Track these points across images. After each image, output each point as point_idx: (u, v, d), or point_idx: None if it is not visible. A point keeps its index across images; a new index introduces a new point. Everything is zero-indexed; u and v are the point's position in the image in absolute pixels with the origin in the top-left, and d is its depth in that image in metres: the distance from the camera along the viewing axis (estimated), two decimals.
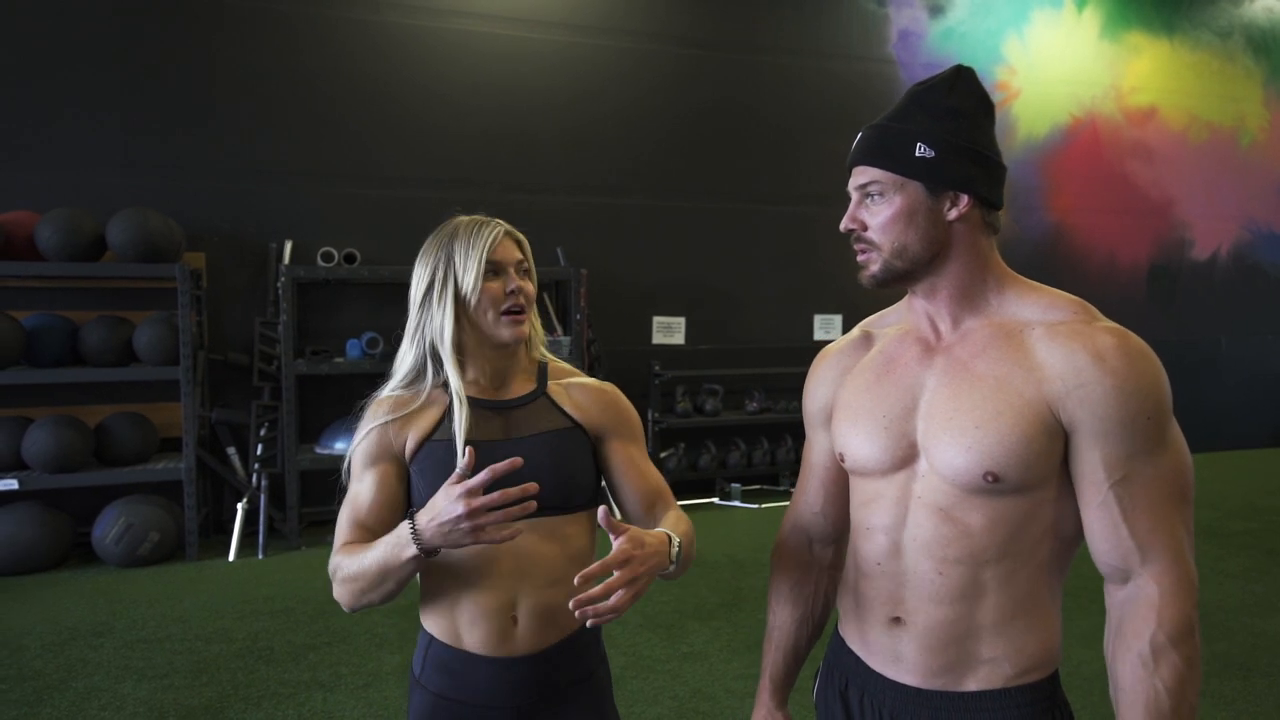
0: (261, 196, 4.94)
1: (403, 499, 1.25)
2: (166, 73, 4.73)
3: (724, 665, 3.14)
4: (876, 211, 1.04)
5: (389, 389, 1.28)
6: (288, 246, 4.91)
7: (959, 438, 0.99)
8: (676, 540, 1.14)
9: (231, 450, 4.81)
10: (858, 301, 6.37)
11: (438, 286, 1.24)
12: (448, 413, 1.24)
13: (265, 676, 3.03)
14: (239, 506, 4.55)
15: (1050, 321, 1.01)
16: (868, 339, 1.18)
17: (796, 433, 6.06)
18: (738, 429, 6.00)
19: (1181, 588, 0.94)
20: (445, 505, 1.04)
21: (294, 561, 4.38)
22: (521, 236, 1.29)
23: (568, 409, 1.29)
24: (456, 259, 1.22)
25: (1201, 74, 7.48)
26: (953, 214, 1.03)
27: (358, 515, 1.21)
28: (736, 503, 5.59)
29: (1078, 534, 1.03)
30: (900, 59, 6.41)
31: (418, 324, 1.26)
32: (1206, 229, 7.57)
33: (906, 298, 1.15)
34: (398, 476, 1.24)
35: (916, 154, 1.01)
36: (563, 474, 1.22)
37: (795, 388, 6.26)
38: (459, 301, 1.23)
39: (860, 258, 1.07)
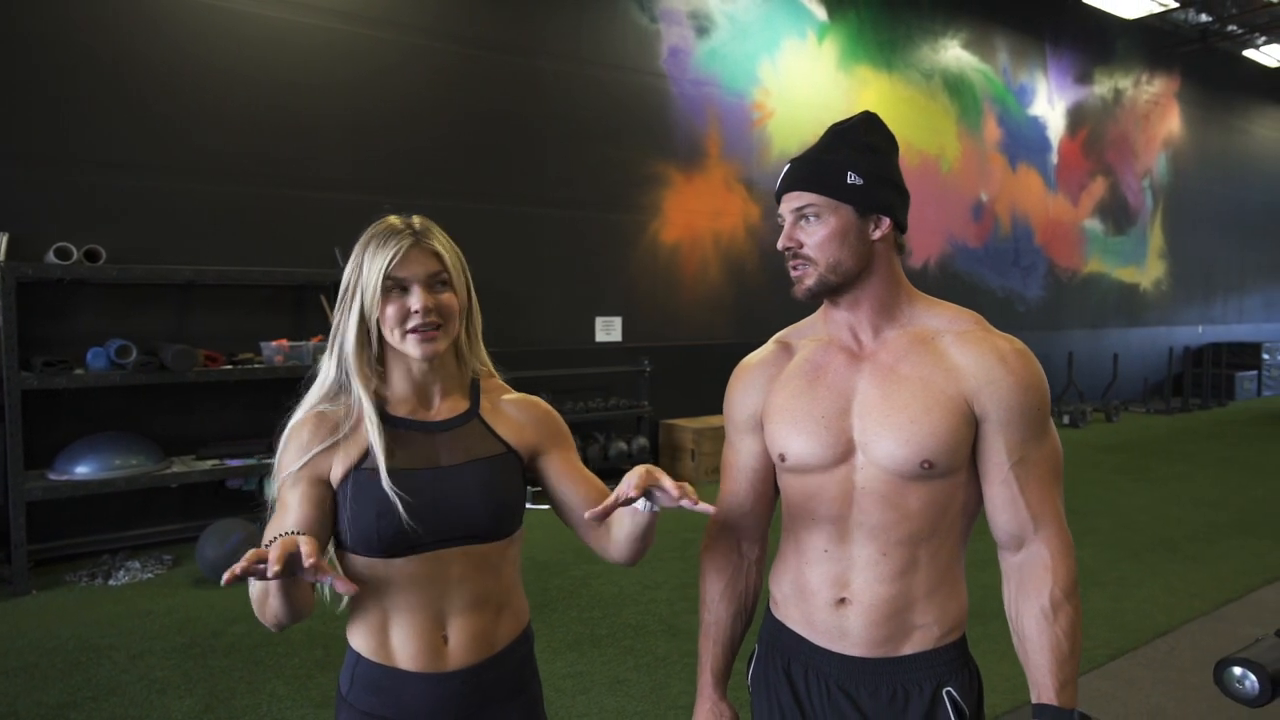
0: None
1: (329, 524, 1.16)
2: None
3: (549, 665, 3.15)
4: (812, 232, 1.16)
5: (310, 403, 1.20)
6: (3, 240, 4.17)
7: (896, 432, 1.13)
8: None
9: None
10: (637, 303, 6.62)
11: (348, 295, 1.18)
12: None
13: None
14: None
15: (957, 330, 1.19)
16: (788, 349, 1.29)
17: (583, 433, 6.18)
18: None
19: (1066, 550, 1.15)
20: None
21: (25, 609, 3.75)
22: (440, 246, 1.20)
23: (501, 432, 1.25)
24: (365, 269, 1.16)
25: (914, 107, 8.65)
26: (876, 234, 1.18)
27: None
28: (528, 505, 5.57)
29: (979, 509, 1.21)
30: (670, 73, 6.77)
31: (333, 332, 1.20)
32: (919, 243, 8.76)
33: (821, 310, 1.28)
34: (324, 500, 1.16)
35: (848, 181, 1.15)
36: (494, 502, 1.20)
37: (580, 388, 6.39)
38: (364, 315, 1.16)
39: (795, 273, 1.18)
